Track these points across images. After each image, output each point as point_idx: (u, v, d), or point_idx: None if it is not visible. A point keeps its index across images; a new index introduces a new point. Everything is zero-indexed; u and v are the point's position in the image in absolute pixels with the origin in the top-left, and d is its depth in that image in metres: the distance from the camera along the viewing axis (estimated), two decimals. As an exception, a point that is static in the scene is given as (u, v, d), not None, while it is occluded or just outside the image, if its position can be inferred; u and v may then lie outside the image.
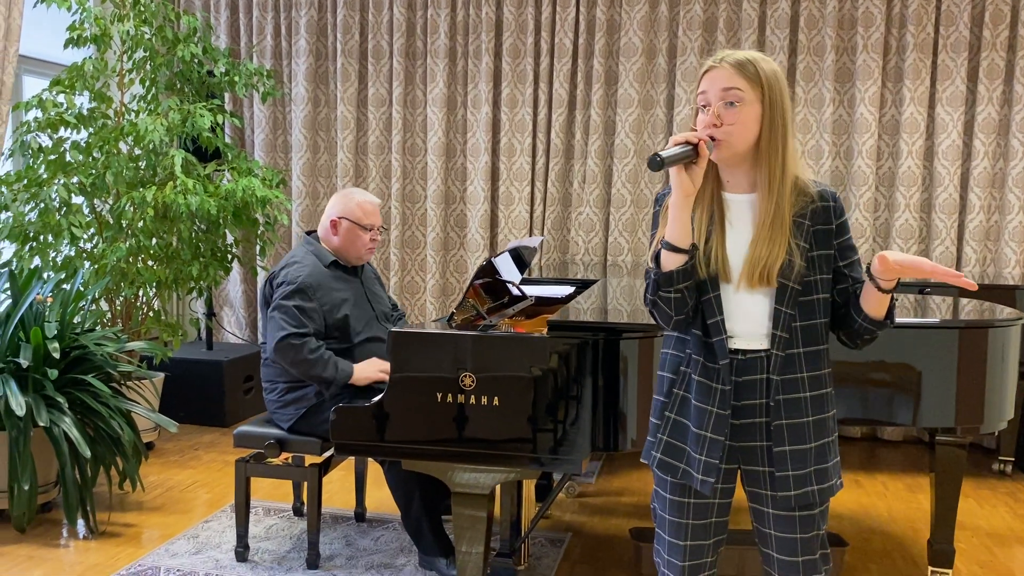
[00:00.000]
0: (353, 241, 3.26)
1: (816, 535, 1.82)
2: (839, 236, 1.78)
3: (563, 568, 3.22)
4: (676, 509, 1.86)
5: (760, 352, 1.77)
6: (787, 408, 1.77)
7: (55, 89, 4.06)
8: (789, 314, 1.75)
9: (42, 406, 3.29)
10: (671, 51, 5.06)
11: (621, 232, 5.16)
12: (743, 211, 1.78)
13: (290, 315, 3.07)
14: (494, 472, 2.41)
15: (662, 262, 1.73)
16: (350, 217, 3.25)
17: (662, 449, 1.85)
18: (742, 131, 1.70)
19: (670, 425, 1.84)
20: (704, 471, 1.78)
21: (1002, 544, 3.54)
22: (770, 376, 1.77)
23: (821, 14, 4.86)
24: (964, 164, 4.80)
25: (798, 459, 1.77)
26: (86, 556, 3.25)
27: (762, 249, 1.72)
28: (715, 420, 1.77)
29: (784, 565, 1.83)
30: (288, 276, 3.14)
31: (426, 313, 5.41)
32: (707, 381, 1.78)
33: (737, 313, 1.77)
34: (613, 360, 2.38)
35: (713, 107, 1.71)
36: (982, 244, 4.79)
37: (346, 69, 5.40)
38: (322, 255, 3.26)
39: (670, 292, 1.72)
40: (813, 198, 1.76)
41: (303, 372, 3.05)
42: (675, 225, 1.70)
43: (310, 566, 3.15)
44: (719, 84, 1.71)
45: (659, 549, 1.92)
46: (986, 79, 4.70)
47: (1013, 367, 2.97)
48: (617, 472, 4.40)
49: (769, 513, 1.83)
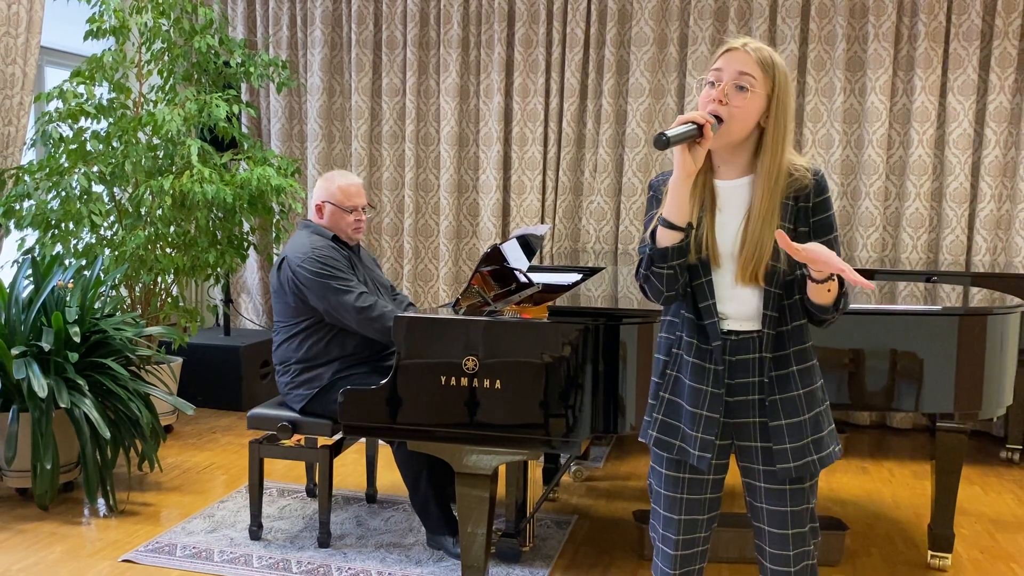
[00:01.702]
0: (338, 223, 3.38)
1: (806, 508, 1.88)
2: (816, 214, 1.82)
3: (567, 549, 3.29)
4: (671, 484, 1.92)
5: (752, 332, 1.83)
6: (779, 383, 1.83)
7: (75, 80, 4.16)
8: (778, 294, 1.81)
9: (64, 388, 3.40)
10: (682, 40, 5.09)
11: (632, 221, 5.20)
12: (733, 197, 1.82)
13: (342, 285, 3.16)
14: (497, 453, 2.48)
15: (658, 238, 1.77)
16: (331, 200, 3.36)
17: (658, 428, 1.91)
18: (743, 117, 1.75)
19: (664, 404, 1.91)
20: (701, 447, 1.85)
21: (1004, 530, 3.58)
22: (763, 355, 1.83)
23: (832, 3, 4.86)
24: (975, 153, 4.80)
25: (794, 431, 1.83)
26: (106, 533, 3.36)
27: (756, 237, 1.77)
28: (710, 399, 1.84)
29: (775, 538, 1.89)
30: (308, 255, 3.21)
31: (439, 300, 5.48)
32: (701, 362, 1.84)
33: (728, 296, 1.83)
34: (613, 345, 2.44)
35: (724, 84, 1.75)
36: (993, 233, 4.80)
37: (360, 59, 5.47)
38: (323, 232, 3.36)
39: (663, 268, 1.77)
40: (798, 179, 1.81)
41: (381, 331, 3.13)
42: (674, 203, 1.74)
43: (321, 545, 3.24)
44: (736, 66, 1.75)
45: (654, 524, 1.99)
46: (998, 67, 4.70)
47: (1012, 354, 3.00)
48: (625, 457, 4.46)
49: (761, 487, 1.89)
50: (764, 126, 1.79)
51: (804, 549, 1.90)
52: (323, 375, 3.24)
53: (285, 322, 3.34)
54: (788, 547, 1.89)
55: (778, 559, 1.90)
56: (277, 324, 3.39)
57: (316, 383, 3.24)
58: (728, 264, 1.82)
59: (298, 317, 3.29)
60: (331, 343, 3.25)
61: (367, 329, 3.17)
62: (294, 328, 3.31)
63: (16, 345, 3.48)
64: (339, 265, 3.23)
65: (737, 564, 3.15)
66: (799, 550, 1.89)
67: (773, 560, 1.91)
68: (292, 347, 3.30)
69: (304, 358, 3.27)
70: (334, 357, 3.26)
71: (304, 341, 3.28)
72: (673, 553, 1.95)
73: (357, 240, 3.47)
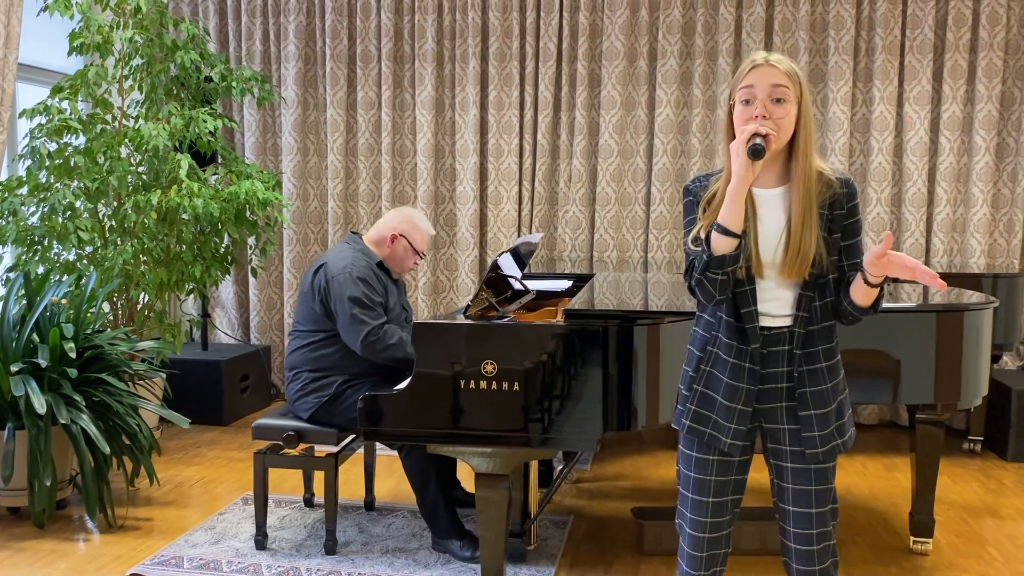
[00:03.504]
0: (403, 259, 3.46)
1: (828, 488, 2.01)
2: (849, 217, 1.96)
3: (569, 547, 3.39)
4: (702, 466, 2.03)
5: (784, 328, 1.96)
6: (809, 377, 1.97)
7: (59, 96, 4.14)
8: (809, 296, 1.94)
9: (61, 404, 3.39)
10: (652, 54, 5.26)
11: (606, 229, 5.34)
12: (771, 205, 1.95)
13: (365, 308, 3.22)
14: (516, 453, 2.57)
15: (713, 245, 1.87)
16: (410, 239, 3.44)
17: (691, 417, 2.03)
18: (786, 127, 1.88)
19: (698, 396, 2.03)
20: (733, 436, 1.98)
21: (975, 516, 3.78)
22: (793, 351, 1.96)
23: (795, 18, 5.08)
24: (931, 160, 5.06)
25: (822, 420, 1.98)
26: (108, 548, 3.35)
27: (800, 240, 1.88)
28: (745, 395, 1.97)
29: (799, 517, 2.02)
30: (347, 270, 3.26)
31: (418, 310, 5.54)
32: (739, 361, 1.96)
33: (764, 297, 1.95)
34: (627, 346, 2.55)
35: (761, 100, 1.86)
36: (949, 235, 5.05)
37: (335, 73, 5.52)
38: (370, 255, 3.41)
39: (718, 274, 1.87)
40: (834, 186, 1.94)
41: (389, 358, 3.23)
42: (733, 210, 1.84)
43: (328, 552, 3.29)
44: (769, 80, 1.87)
45: (682, 510, 2.10)
46: (950, 79, 4.96)
47: (986, 348, 3.20)
48: (610, 459, 4.58)
49: (787, 467, 2.02)
50: (795, 132, 1.91)
51: (825, 530, 2.03)
52: (332, 384, 3.29)
53: (305, 328, 3.37)
54: (811, 526, 2.01)
55: (801, 538, 2.03)
56: (296, 327, 3.42)
57: (325, 392, 3.29)
58: (769, 271, 1.94)
59: (319, 326, 3.33)
60: (346, 356, 3.30)
61: (370, 356, 3.24)
62: (313, 336, 3.35)
63: (10, 362, 3.46)
64: (372, 291, 3.27)
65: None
66: (821, 530, 2.02)
67: (797, 540, 2.03)
68: (306, 353, 3.34)
69: (317, 367, 3.32)
70: (346, 369, 3.31)
71: (319, 349, 3.33)
72: (701, 536, 2.06)
73: (400, 276, 3.54)
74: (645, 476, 4.30)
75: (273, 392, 5.75)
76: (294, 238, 5.62)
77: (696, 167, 5.21)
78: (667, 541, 3.31)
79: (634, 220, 5.34)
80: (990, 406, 4.71)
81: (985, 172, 4.94)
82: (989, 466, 4.49)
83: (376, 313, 3.25)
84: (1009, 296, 4.45)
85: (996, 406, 4.65)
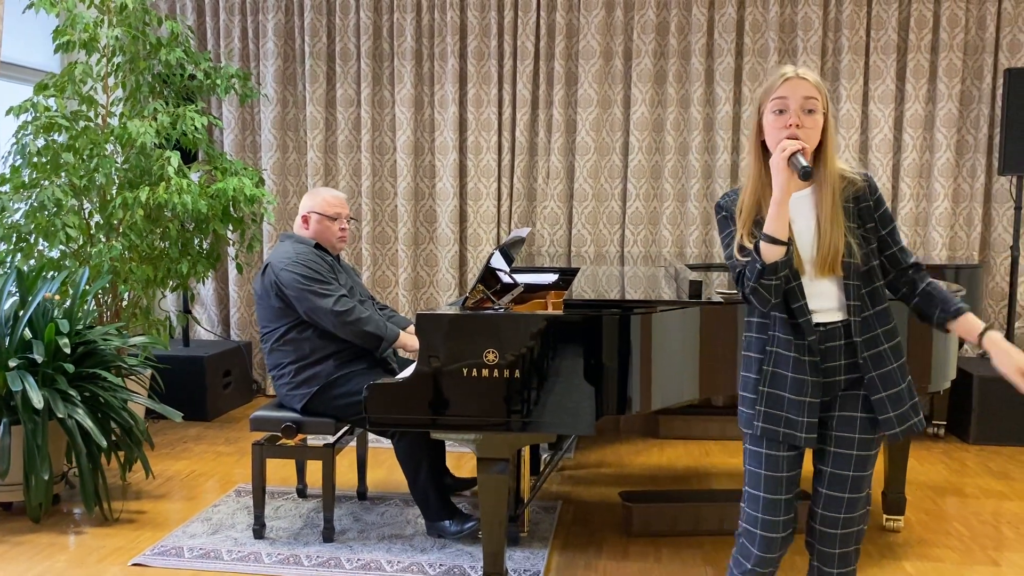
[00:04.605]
0: (324, 232, 3.55)
1: (865, 476, 2.11)
2: (878, 208, 2.08)
3: (560, 531, 3.51)
4: (773, 464, 2.10)
5: (838, 323, 2.07)
6: (874, 361, 2.07)
7: (44, 93, 4.16)
8: (856, 285, 2.04)
9: (58, 399, 3.42)
10: (627, 53, 5.40)
11: (584, 224, 5.47)
12: (801, 207, 2.06)
13: (322, 283, 3.33)
14: (518, 436, 2.68)
15: (763, 254, 1.97)
16: (317, 210, 3.55)
17: (763, 419, 2.11)
18: (816, 136, 2.01)
19: (765, 398, 2.11)
20: (807, 430, 2.07)
21: (941, 495, 3.98)
22: (853, 339, 2.05)
23: (765, 19, 5.25)
24: (895, 156, 5.26)
25: (895, 400, 2.07)
26: (107, 541, 3.39)
27: (829, 239, 2.00)
28: (811, 387, 2.06)
29: (830, 500, 2.12)
30: (291, 259, 3.37)
31: (399, 306, 5.62)
32: (800, 356, 2.06)
33: (812, 295, 2.06)
34: (624, 334, 2.68)
35: (793, 111, 1.98)
36: (912, 229, 5.26)
37: (314, 71, 5.57)
38: (305, 241, 3.53)
39: (772, 280, 1.98)
40: (853, 181, 2.07)
41: (358, 334, 3.32)
42: (779, 220, 1.96)
43: (326, 539, 3.37)
44: (801, 92, 1.99)
45: (752, 513, 2.12)
46: (913, 78, 5.17)
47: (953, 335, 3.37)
48: (591, 447, 4.71)
49: (831, 451, 2.12)
50: (822, 139, 2.03)
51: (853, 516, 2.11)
52: (321, 373, 3.37)
53: (272, 326, 3.45)
54: (841, 510, 2.11)
55: (828, 521, 2.11)
56: (263, 330, 3.50)
57: (315, 381, 3.36)
58: (807, 267, 2.05)
59: (285, 319, 3.41)
60: (323, 338, 3.38)
61: (344, 332, 3.32)
62: (282, 330, 3.42)
63: (4, 358, 3.48)
64: (320, 269, 3.39)
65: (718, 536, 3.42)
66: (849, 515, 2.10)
67: (824, 522, 2.12)
68: (284, 350, 3.42)
69: (299, 358, 3.39)
70: (330, 352, 3.39)
71: (295, 341, 3.40)
72: (775, 536, 2.11)
73: (341, 249, 3.63)
74: (627, 463, 4.44)
75: (255, 388, 5.79)
76: (274, 235, 5.66)
77: (671, 164, 5.36)
78: (654, 523, 3.44)
79: (611, 216, 5.48)
80: (953, 392, 4.92)
81: (946, 168, 5.16)
82: (952, 449, 4.70)
83: (334, 287, 3.36)
84: (970, 286, 4.66)
85: (959, 392, 4.87)
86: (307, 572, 3.10)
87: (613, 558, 3.25)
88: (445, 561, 3.19)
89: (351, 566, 3.15)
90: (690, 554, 3.28)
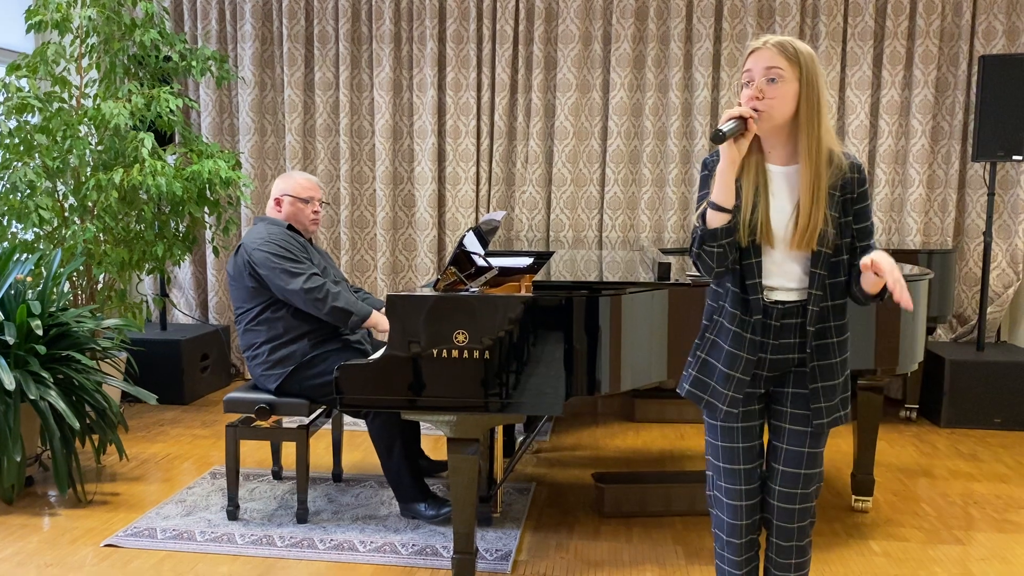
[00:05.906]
0: (296, 214, 3.57)
1: (819, 452, 2.16)
2: (858, 203, 2.06)
3: (532, 512, 3.53)
4: (727, 434, 2.15)
5: (797, 302, 2.08)
6: (819, 352, 2.10)
7: (16, 74, 4.12)
8: (822, 274, 2.05)
9: (30, 381, 3.41)
10: (606, 38, 5.40)
11: (562, 209, 5.48)
12: (784, 182, 2.04)
13: (294, 262, 3.36)
14: (488, 417, 2.70)
15: (708, 220, 1.99)
16: (290, 192, 3.57)
17: (691, 383, 2.18)
18: (781, 104, 1.97)
19: (700, 363, 2.16)
20: (729, 404, 2.12)
21: (910, 477, 4.03)
22: (806, 326, 2.08)
23: (743, 4, 5.26)
24: (871, 142, 5.30)
25: (829, 392, 2.11)
26: (80, 522, 3.39)
27: (809, 218, 1.99)
28: (744, 364, 2.09)
29: (787, 476, 2.16)
30: (264, 239, 3.38)
31: (377, 291, 5.62)
32: (741, 331, 2.09)
33: (776, 271, 2.06)
34: (592, 315, 2.69)
35: (756, 82, 1.98)
36: (888, 215, 5.30)
37: (292, 53, 5.55)
38: (277, 223, 3.54)
39: (713, 247, 2.00)
40: (845, 170, 2.03)
41: (329, 311, 3.33)
42: (722, 188, 1.97)
43: (300, 520, 3.38)
44: (763, 63, 1.97)
45: (717, 482, 2.20)
46: (889, 65, 5.19)
47: (922, 317, 3.42)
48: (567, 430, 4.74)
49: (786, 428, 2.16)
50: (798, 110, 1.99)
51: (808, 491, 2.16)
52: (295, 353, 3.38)
53: (246, 307, 3.46)
54: (797, 486, 2.15)
55: (785, 496, 2.16)
56: (238, 311, 3.50)
57: (290, 361, 3.37)
58: (780, 245, 2.04)
59: (258, 299, 3.42)
60: (296, 317, 3.39)
61: (315, 309, 3.34)
62: (256, 310, 3.43)
63: (-25, 340, 3.47)
64: (292, 249, 3.41)
65: (688, 516, 3.46)
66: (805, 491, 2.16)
67: (780, 497, 2.17)
68: (258, 330, 3.42)
69: (273, 338, 3.40)
70: (304, 332, 3.40)
71: (269, 321, 3.41)
72: (739, 504, 2.17)
73: (313, 232, 3.64)
74: (602, 446, 4.47)
75: (233, 371, 5.79)
76: (252, 218, 5.64)
77: (649, 148, 5.37)
78: (626, 504, 3.48)
79: (589, 200, 5.49)
80: (925, 376, 4.98)
81: (921, 154, 5.19)
82: (924, 432, 4.76)
83: (306, 266, 3.38)
84: (943, 271, 4.72)
85: (930, 376, 4.93)
86: (279, 552, 3.12)
87: (584, 538, 3.28)
88: (418, 541, 3.21)
89: (324, 546, 3.17)
90: (660, 534, 3.31)
